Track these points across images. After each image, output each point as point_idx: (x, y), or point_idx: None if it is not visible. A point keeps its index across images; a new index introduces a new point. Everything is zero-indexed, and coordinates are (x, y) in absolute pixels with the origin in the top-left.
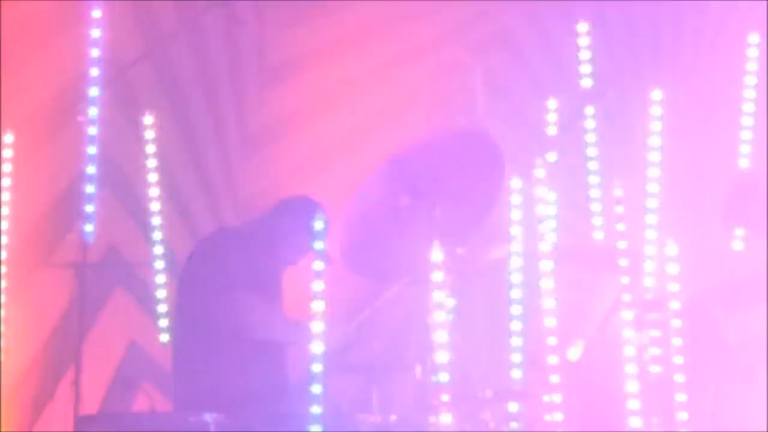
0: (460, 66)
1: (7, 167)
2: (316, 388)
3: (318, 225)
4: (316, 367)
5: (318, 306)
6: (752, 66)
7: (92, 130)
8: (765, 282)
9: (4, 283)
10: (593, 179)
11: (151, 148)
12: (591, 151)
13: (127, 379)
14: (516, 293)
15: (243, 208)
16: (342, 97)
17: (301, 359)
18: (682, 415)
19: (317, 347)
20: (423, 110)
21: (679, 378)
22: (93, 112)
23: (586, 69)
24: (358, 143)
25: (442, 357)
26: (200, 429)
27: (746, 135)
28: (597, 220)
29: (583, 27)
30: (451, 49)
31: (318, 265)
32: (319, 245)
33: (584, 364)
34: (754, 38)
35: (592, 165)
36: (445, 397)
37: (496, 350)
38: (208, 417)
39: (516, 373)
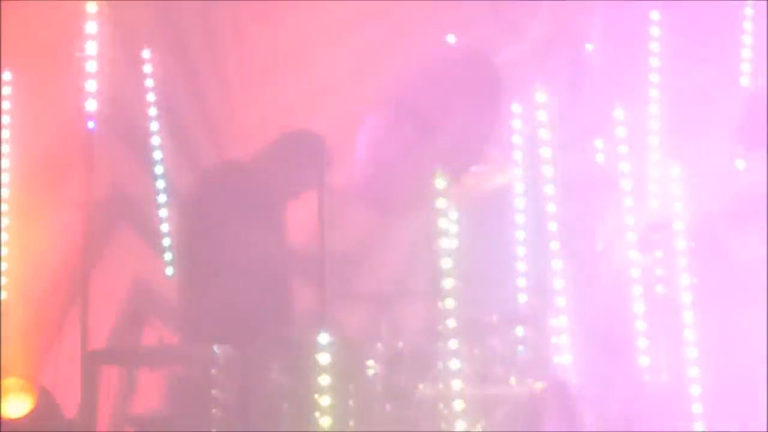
0: None
1: (6, 105)
2: (323, 317)
3: (319, 157)
4: (323, 297)
5: (323, 236)
6: None
7: (91, 66)
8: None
9: (6, 221)
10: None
11: (150, 83)
12: (596, 75)
13: (133, 313)
14: (520, 218)
15: (244, 142)
16: (343, 28)
17: (306, 289)
18: (689, 335)
19: (323, 277)
20: None
21: (686, 298)
22: (92, 47)
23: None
24: (359, 74)
25: (448, 283)
26: (208, 360)
27: (746, 53)
28: (598, 143)
29: (655, 15)
30: None
31: (320, 197)
32: (321, 177)
33: (590, 287)
34: None
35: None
36: (451, 323)
37: (501, 275)
38: (216, 348)
39: (522, 298)
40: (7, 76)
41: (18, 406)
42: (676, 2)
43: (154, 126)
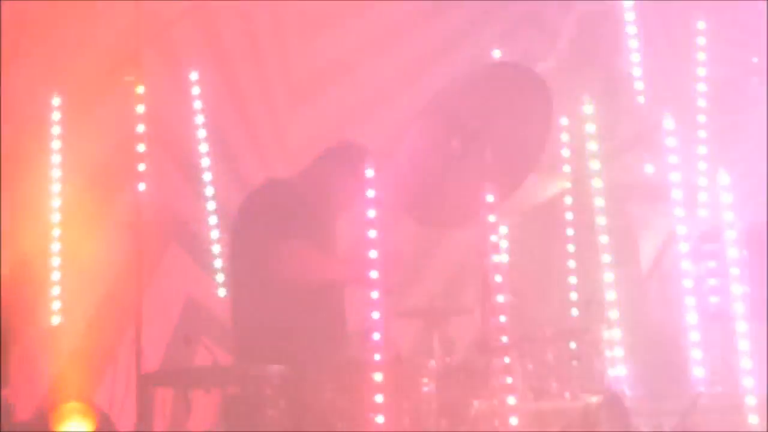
0: None
1: (56, 130)
2: (376, 336)
3: (367, 171)
4: (375, 314)
5: (373, 253)
6: None
7: (140, 89)
8: None
9: (59, 246)
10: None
11: (198, 104)
12: (639, 85)
13: (187, 335)
14: (570, 231)
15: (291, 159)
16: (387, 41)
17: (360, 306)
18: (744, 345)
19: (374, 294)
20: None
21: (739, 308)
22: (140, 71)
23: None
24: (403, 89)
25: (500, 298)
26: (262, 380)
27: None
28: (648, 154)
29: (701, 25)
30: None
31: (370, 212)
32: (369, 191)
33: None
34: None
35: (641, 99)
36: (505, 339)
37: (553, 289)
38: (270, 368)
39: (574, 311)
40: (56, 101)
41: (78, 430)
42: (721, 11)
43: (203, 147)
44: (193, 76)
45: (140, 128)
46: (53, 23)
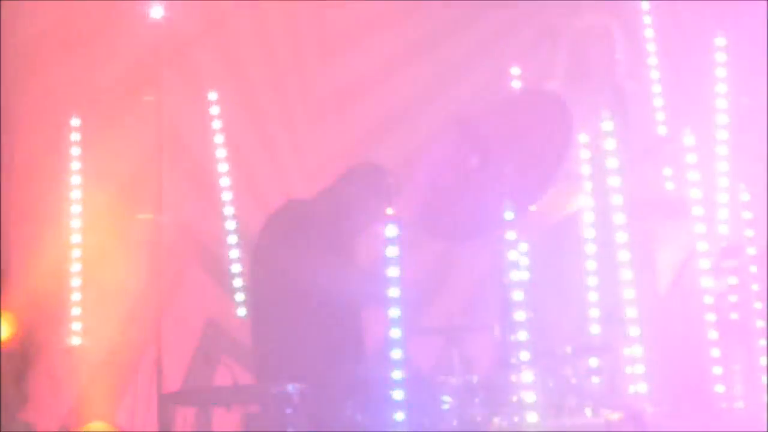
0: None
1: (75, 151)
2: (396, 353)
3: (387, 190)
4: (395, 332)
5: (393, 271)
6: None
7: (159, 109)
8: None
9: (79, 267)
10: (661, 130)
11: (217, 124)
12: (657, 102)
13: (207, 354)
14: (591, 248)
15: (311, 179)
16: (404, 62)
17: (379, 325)
18: (765, 361)
19: (395, 312)
20: None
21: (760, 324)
22: (159, 90)
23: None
24: (423, 107)
25: (520, 315)
26: (283, 399)
27: None
28: (668, 171)
29: (721, 41)
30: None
31: (390, 231)
32: (389, 210)
33: (663, 316)
34: None
35: (660, 116)
36: (524, 356)
37: (573, 306)
38: (291, 387)
39: (595, 328)
40: (75, 122)
41: None
42: (738, 27)
43: (222, 167)
44: (212, 96)
45: (160, 148)
46: (72, 44)
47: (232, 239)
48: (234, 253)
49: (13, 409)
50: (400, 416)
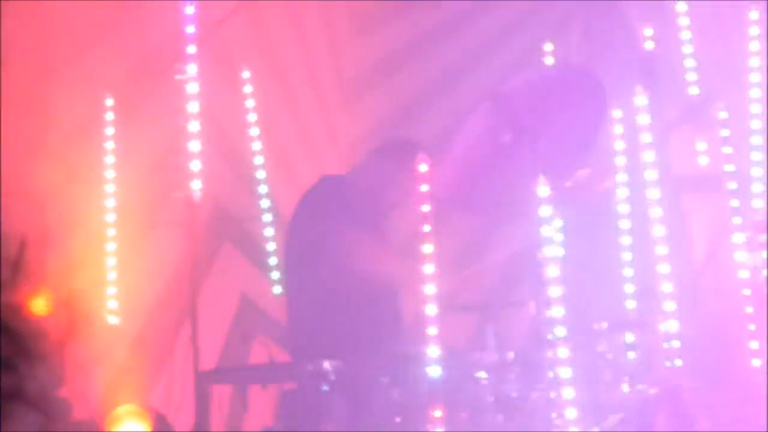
0: None
1: (109, 131)
2: (432, 330)
3: (421, 167)
4: (430, 309)
5: (428, 248)
6: None
7: (192, 88)
8: None
9: (115, 246)
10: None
11: (250, 102)
12: (690, 76)
13: (243, 332)
14: (625, 223)
15: (345, 156)
16: (437, 38)
17: (414, 301)
18: None
19: (429, 289)
20: None
21: None
22: (192, 69)
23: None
24: (456, 83)
25: (555, 291)
26: (319, 376)
27: None
28: (702, 145)
29: (754, 15)
30: None
31: (425, 207)
32: (423, 187)
33: (699, 291)
34: None
35: (691, 76)
36: (560, 331)
37: (608, 282)
38: (327, 364)
39: (630, 304)
40: (109, 101)
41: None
42: None
43: (256, 145)
44: (245, 74)
45: (193, 127)
46: (103, 24)
47: (267, 217)
48: (268, 231)
49: (50, 387)
50: (436, 392)
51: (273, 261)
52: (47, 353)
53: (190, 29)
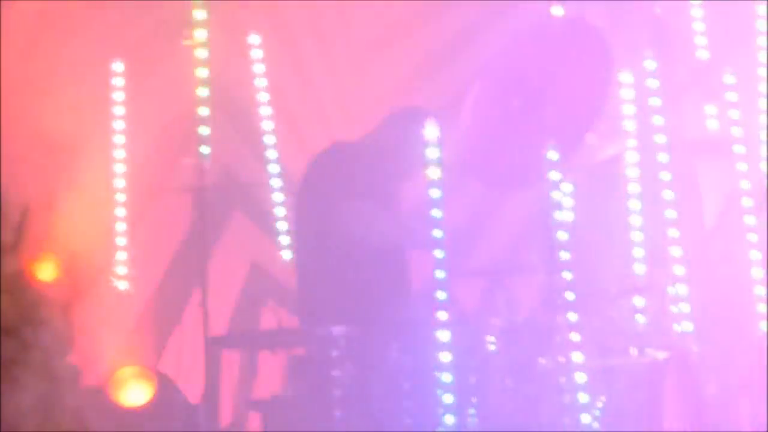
0: None
1: (119, 96)
2: (441, 295)
3: (430, 133)
4: (440, 274)
5: (437, 213)
6: None
7: (201, 53)
8: None
9: (124, 212)
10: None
11: (259, 68)
12: (699, 40)
13: (252, 297)
14: (634, 187)
15: (354, 122)
16: (445, 3)
17: (424, 267)
18: None
19: (439, 254)
20: None
21: None
22: (201, 34)
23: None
24: (463, 48)
25: (564, 256)
26: (328, 341)
27: None
28: (711, 109)
29: None
30: None
31: (434, 173)
32: (433, 153)
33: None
34: None
35: (700, 40)
36: (570, 296)
37: (618, 246)
38: (336, 329)
39: (639, 268)
40: (118, 67)
41: (138, 394)
42: None
43: (265, 111)
44: (254, 39)
45: (202, 92)
46: None
47: (276, 182)
48: (278, 197)
49: (54, 353)
50: (445, 357)
51: (282, 226)
52: (50, 319)
53: None
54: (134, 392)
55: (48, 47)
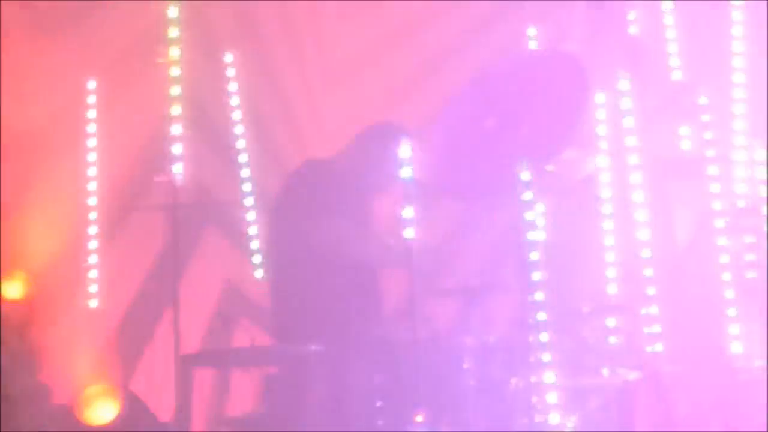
0: None
1: (92, 113)
2: (415, 314)
3: (404, 151)
4: (412, 293)
5: (410, 232)
6: None
7: (175, 71)
8: None
9: (96, 229)
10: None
11: (234, 86)
12: (673, 62)
13: (225, 316)
14: (607, 208)
15: (328, 140)
16: (422, 22)
17: (396, 284)
18: None
19: (412, 273)
20: None
21: None
22: (174, 52)
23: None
24: (439, 68)
25: (537, 276)
26: (301, 359)
27: None
28: (684, 130)
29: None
30: None
31: (407, 191)
32: (406, 171)
33: (680, 275)
34: None
35: (674, 61)
36: (542, 316)
37: (590, 266)
38: (309, 348)
39: (612, 288)
40: (91, 84)
41: (104, 412)
42: None
43: (239, 129)
44: (228, 57)
45: (176, 110)
46: (87, 5)
47: (250, 201)
48: (251, 215)
49: (28, 370)
50: (419, 377)
51: (256, 245)
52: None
53: (173, 12)
54: (101, 410)
55: (19, 67)
